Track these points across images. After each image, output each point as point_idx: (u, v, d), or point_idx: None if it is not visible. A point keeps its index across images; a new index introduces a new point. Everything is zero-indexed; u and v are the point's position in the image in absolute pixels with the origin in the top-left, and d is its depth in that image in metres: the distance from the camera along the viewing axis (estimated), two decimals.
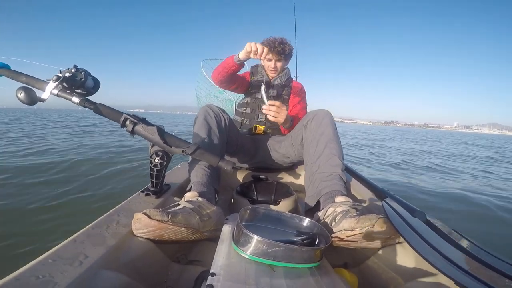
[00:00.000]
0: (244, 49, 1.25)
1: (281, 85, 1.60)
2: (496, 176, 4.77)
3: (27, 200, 2.10)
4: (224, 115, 1.25)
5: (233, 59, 1.32)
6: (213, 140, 1.16)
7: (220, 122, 1.21)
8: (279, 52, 1.51)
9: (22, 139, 5.85)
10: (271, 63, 1.54)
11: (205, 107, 1.22)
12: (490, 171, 5.33)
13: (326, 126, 1.14)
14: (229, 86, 1.53)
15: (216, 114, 1.21)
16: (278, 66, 1.56)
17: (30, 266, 0.52)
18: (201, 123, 1.17)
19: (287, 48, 1.54)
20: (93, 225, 0.73)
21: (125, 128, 0.91)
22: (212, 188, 1.06)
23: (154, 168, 0.98)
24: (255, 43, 1.22)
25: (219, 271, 0.55)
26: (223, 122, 1.23)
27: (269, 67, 1.56)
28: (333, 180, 1.02)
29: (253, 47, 1.22)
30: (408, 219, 0.79)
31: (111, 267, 0.61)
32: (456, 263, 0.60)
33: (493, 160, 7.77)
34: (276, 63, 1.55)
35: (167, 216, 0.71)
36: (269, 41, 1.52)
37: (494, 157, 8.66)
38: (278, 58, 1.53)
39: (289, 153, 1.41)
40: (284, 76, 1.61)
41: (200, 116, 1.19)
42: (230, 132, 1.29)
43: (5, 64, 0.88)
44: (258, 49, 1.21)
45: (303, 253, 0.64)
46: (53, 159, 3.57)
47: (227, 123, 1.26)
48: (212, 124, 1.18)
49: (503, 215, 2.41)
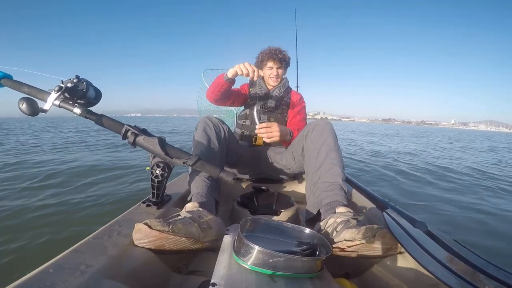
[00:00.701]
0: (234, 69, 1.26)
1: (279, 96, 1.62)
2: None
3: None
4: (224, 126, 1.26)
5: (223, 78, 1.34)
6: (213, 151, 1.17)
7: (219, 133, 1.23)
8: (281, 59, 1.55)
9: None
10: (273, 70, 1.58)
11: (205, 119, 1.24)
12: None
13: (327, 136, 1.15)
14: (224, 103, 1.55)
15: (216, 125, 1.23)
16: (280, 74, 1.60)
17: (32, 275, 0.53)
18: (201, 134, 1.18)
19: (287, 56, 1.59)
20: (94, 235, 0.73)
21: (126, 139, 0.92)
22: (212, 198, 1.06)
23: (155, 179, 0.98)
24: (246, 64, 1.23)
25: (220, 281, 0.55)
26: (222, 133, 1.24)
27: (271, 75, 1.59)
28: (334, 190, 1.03)
29: (244, 70, 1.23)
30: (409, 229, 0.79)
31: (112, 277, 0.61)
32: (457, 273, 0.59)
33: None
34: (278, 71, 1.58)
35: (168, 226, 0.72)
36: (270, 49, 1.57)
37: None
38: (280, 66, 1.58)
39: (289, 164, 1.42)
40: (282, 86, 1.64)
41: (200, 127, 1.21)
42: (229, 143, 1.30)
43: (7, 74, 0.88)
44: (249, 71, 1.22)
45: (304, 263, 0.64)
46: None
47: (227, 134, 1.27)
48: (212, 135, 1.20)
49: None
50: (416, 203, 2.75)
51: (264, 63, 1.59)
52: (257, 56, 1.64)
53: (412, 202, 2.78)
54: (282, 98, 1.63)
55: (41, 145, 6.67)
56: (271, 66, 1.57)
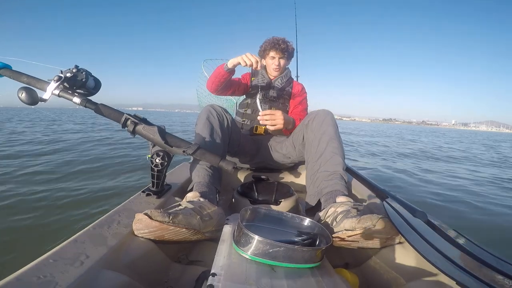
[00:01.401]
0: (236, 60, 1.26)
1: (281, 86, 1.61)
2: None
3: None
4: (227, 115, 1.25)
5: (223, 68, 1.33)
6: (216, 140, 1.16)
7: (222, 122, 1.22)
8: (283, 49, 1.54)
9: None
10: (275, 60, 1.57)
11: (208, 107, 1.22)
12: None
13: (328, 126, 1.14)
14: (225, 93, 1.54)
15: (219, 114, 1.21)
16: (282, 64, 1.58)
17: (31, 266, 0.53)
18: (204, 122, 1.17)
19: (290, 46, 1.57)
20: (94, 225, 0.73)
21: (126, 128, 0.91)
22: (213, 188, 1.05)
23: (155, 168, 0.98)
24: (249, 55, 1.23)
25: (219, 271, 0.55)
26: (225, 122, 1.23)
27: (273, 65, 1.58)
28: (334, 179, 1.02)
29: (247, 61, 1.23)
30: (409, 219, 0.78)
31: (112, 267, 0.61)
32: (457, 263, 0.59)
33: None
34: (280, 61, 1.57)
35: (168, 217, 0.71)
36: (273, 39, 1.55)
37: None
38: (282, 56, 1.56)
39: (290, 153, 1.41)
40: (285, 76, 1.63)
41: (203, 115, 1.19)
42: (232, 132, 1.29)
43: (6, 65, 0.88)
44: (252, 62, 1.22)
45: (304, 253, 0.64)
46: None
47: (230, 124, 1.26)
48: (215, 124, 1.18)
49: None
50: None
51: (267, 52, 1.57)
52: (261, 45, 1.62)
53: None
54: (284, 88, 1.62)
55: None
56: (273, 56, 1.56)
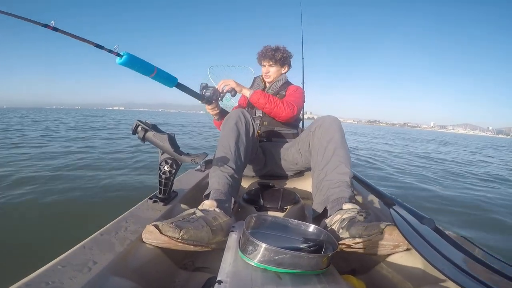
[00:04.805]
0: (210, 107, 1.45)
1: (275, 91, 1.66)
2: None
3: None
4: (254, 123, 1.25)
5: (215, 120, 1.58)
6: (240, 147, 1.15)
7: (249, 130, 1.21)
8: (270, 57, 1.62)
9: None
10: (264, 68, 1.68)
11: (239, 112, 1.21)
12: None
13: (334, 133, 1.13)
14: None
15: (247, 122, 1.21)
16: (270, 71, 1.66)
17: (40, 272, 0.53)
18: (231, 127, 1.16)
19: (279, 54, 1.63)
20: (102, 231, 0.74)
21: (136, 134, 0.92)
22: (231, 198, 1.04)
23: (163, 175, 0.98)
24: (221, 82, 1.43)
25: (225, 278, 0.55)
26: (251, 131, 1.23)
27: (263, 72, 1.69)
28: (340, 187, 1.01)
29: (224, 88, 1.41)
30: (417, 226, 0.78)
31: (120, 274, 0.61)
32: (465, 270, 0.59)
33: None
34: (269, 68, 1.66)
35: (179, 232, 0.70)
36: (263, 48, 1.66)
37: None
38: (270, 64, 1.65)
39: (296, 159, 1.41)
40: (279, 82, 1.69)
41: (231, 120, 1.18)
42: (254, 141, 1.29)
43: None
44: (220, 85, 1.41)
45: (310, 260, 0.64)
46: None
47: (255, 133, 1.26)
48: (242, 130, 1.18)
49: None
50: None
51: (259, 61, 1.69)
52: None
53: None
54: (278, 93, 1.65)
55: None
56: (264, 64, 1.67)
